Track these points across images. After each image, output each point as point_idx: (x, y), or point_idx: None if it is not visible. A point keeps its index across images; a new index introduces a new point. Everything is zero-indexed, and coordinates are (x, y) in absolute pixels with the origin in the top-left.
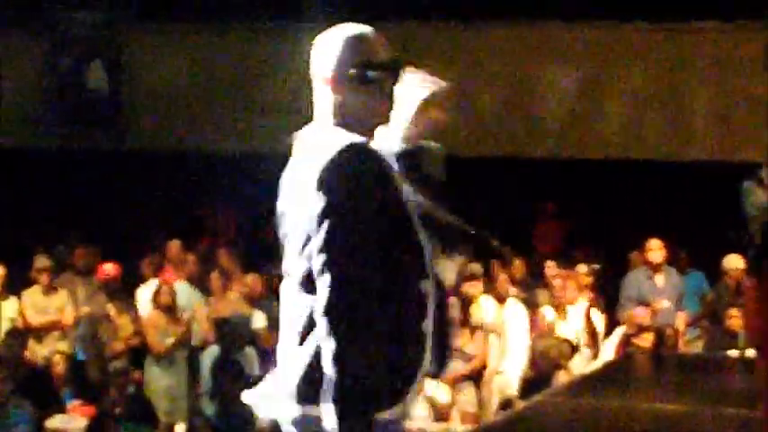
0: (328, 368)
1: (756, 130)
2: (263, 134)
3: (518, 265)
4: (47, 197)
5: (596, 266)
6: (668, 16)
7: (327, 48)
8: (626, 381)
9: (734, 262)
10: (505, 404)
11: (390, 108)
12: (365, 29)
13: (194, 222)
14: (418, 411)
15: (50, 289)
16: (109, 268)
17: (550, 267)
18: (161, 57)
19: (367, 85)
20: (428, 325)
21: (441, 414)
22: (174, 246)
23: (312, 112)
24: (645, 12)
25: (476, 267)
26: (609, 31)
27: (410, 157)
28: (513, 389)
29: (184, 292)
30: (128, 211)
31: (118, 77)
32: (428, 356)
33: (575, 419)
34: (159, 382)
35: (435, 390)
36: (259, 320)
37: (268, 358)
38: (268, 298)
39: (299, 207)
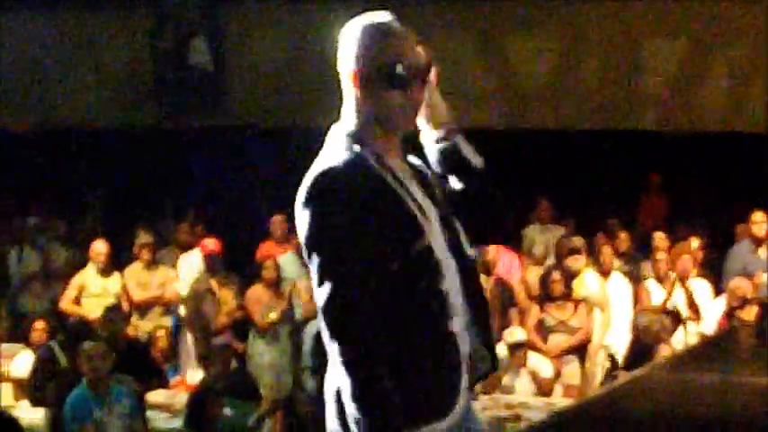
0: (350, 407)
1: None
2: None
3: (623, 238)
4: (150, 174)
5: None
6: None
7: (353, 41)
8: (728, 354)
9: None
10: (608, 378)
11: (416, 112)
12: (394, 23)
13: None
14: (521, 384)
15: (152, 264)
16: (210, 243)
17: (659, 239)
18: (263, 33)
19: (393, 86)
20: (457, 322)
21: (544, 387)
22: (278, 220)
23: None
24: None
25: (578, 241)
26: (711, 4)
27: (450, 153)
28: (617, 363)
29: (292, 265)
30: (232, 187)
31: (220, 54)
32: (466, 353)
33: (676, 394)
34: (263, 357)
35: (538, 363)
36: None
37: None
38: None
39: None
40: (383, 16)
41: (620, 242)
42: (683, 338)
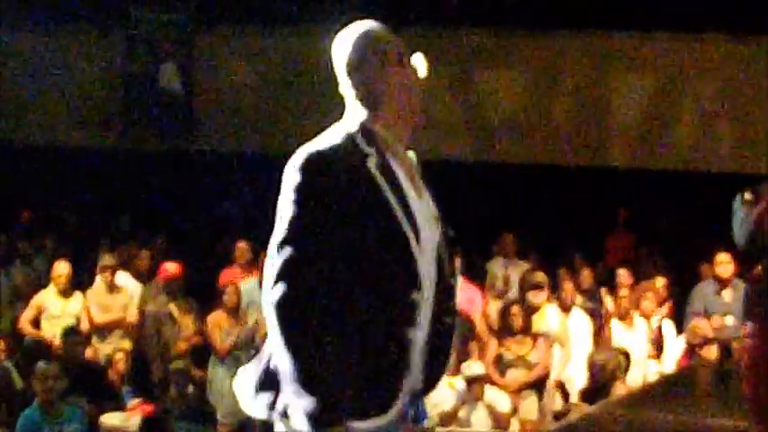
0: (287, 392)
1: None
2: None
3: (586, 274)
4: (118, 196)
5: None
6: (742, 28)
7: (345, 40)
8: (685, 394)
9: None
10: (562, 414)
11: (417, 95)
12: (379, 25)
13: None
14: (477, 418)
15: (114, 287)
16: (171, 267)
17: (623, 276)
18: (233, 59)
19: (385, 66)
20: (416, 335)
21: (500, 422)
22: (242, 246)
23: None
24: (718, 23)
25: (541, 276)
26: (682, 42)
27: None
28: (573, 399)
29: (255, 291)
30: (199, 211)
31: (191, 79)
32: (416, 367)
33: None
34: (223, 382)
35: (496, 397)
36: None
37: None
38: None
39: None
40: (368, 22)
41: (582, 278)
42: (640, 376)
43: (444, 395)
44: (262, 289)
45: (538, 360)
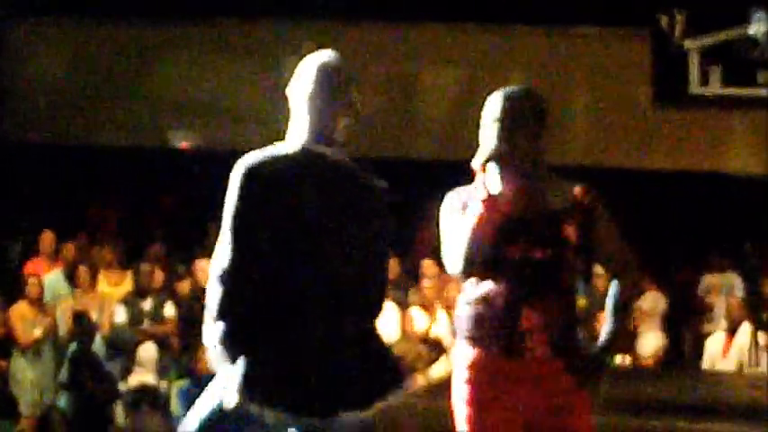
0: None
1: (632, 137)
2: (147, 129)
3: (392, 265)
4: None
5: None
6: (549, 20)
7: (306, 71)
8: None
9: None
10: None
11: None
12: (336, 57)
13: (74, 215)
14: None
15: None
16: None
17: (427, 267)
18: (42, 50)
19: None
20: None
21: None
22: (47, 237)
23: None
24: (525, 15)
25: None
26: (489, 34)
27: None
28: None
29: (58, 283)
30: (5, 202)
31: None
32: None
33: (431, 422)
34: (25, 374)
35: None
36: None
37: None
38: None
39: None
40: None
41: (390, 269)
42: (446, 367)
43: None
44: None
45: None
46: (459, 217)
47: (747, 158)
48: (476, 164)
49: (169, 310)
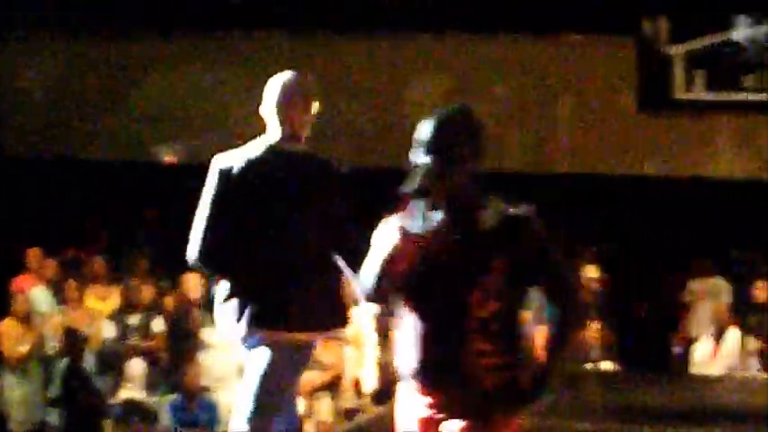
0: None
1: (618, 143)
2: (132, 143)
3: None
4: None
5: None
6: (534, 28)
7: (278, 84)
8: None
9: (591, 272)
10: (353, 411)
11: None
12: (301, 75)
13: (60, 230)
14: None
15: None
16: None
17: None
18: (31, 62)
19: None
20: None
21: None
22: (34, 253)
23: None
24: (510, 23)
25: None
26: (474, 43)
27: None
28: (366, 400)
29: (45, 298)
30: None
31: None
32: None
33: None
34: (13, 391)
35: None
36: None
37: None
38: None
39: None
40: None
41: None
42: None
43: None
44: None
45: (331, 362)
46: (384, 245)
47: (733, 163)
48: (404, 191)
49: (157, 325)
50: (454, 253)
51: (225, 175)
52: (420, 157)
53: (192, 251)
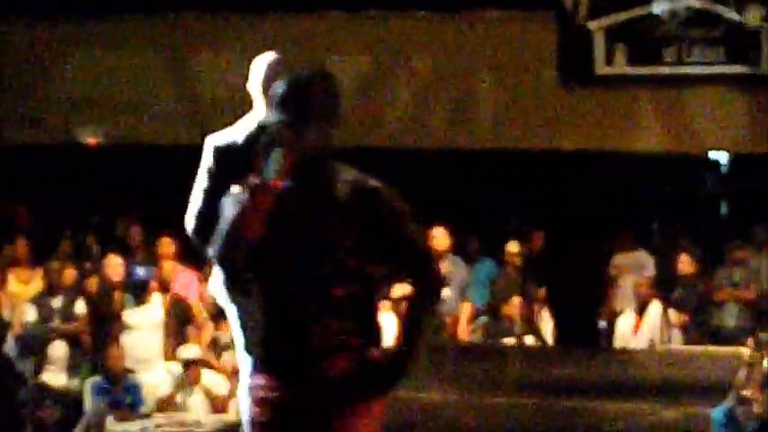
0: None
1: (539, 118)
2: (54, 125)
3: None
4: None
5: None
6: (452, 5)
7: (263, 64)
8: None
9: (513, 248)
10: None
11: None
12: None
13: None
14: (195, 402)
15: None
16: None
17: None
18: None
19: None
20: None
21: (218, 405)
22: None
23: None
24: (428, 1)
25: None
26: (392, 21)
27: None
28: None
29: None
30: None
31: None
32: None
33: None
34: None
35: (213, 380)
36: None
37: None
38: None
39: None
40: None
41: None
42: None
43: (161, 380)
44: None
45: None
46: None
47: (654, 137)
48: (256, 150)
49: (79, 307)
50: (306, 223)
51: (219, 152)
52: (274, 114)
53: (189, 227)
